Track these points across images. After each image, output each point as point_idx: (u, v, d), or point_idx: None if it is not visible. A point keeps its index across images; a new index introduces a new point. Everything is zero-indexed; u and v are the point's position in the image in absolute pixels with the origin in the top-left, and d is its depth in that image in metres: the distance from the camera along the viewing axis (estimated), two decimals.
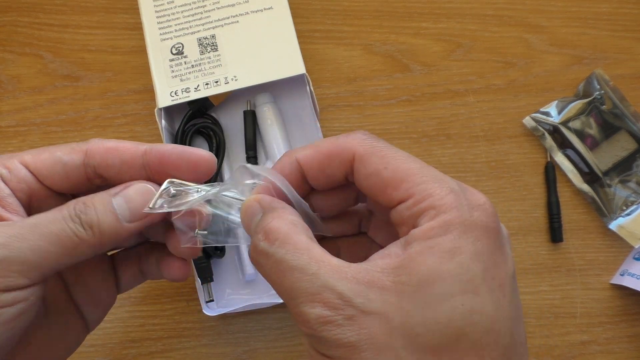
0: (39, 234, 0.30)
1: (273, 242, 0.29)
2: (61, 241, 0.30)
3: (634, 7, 0.63)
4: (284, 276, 0.28)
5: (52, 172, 0.33)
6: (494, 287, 0.27)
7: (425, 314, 0.26)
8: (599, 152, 0.59)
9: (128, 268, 0.38)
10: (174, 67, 0.54)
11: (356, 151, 0.31)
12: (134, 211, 0.32)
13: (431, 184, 0.29)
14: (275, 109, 0.57)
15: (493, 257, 0.28)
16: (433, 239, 0.27)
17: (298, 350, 0.55)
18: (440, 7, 0.63)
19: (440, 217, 0.28)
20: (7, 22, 0.61)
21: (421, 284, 0.26)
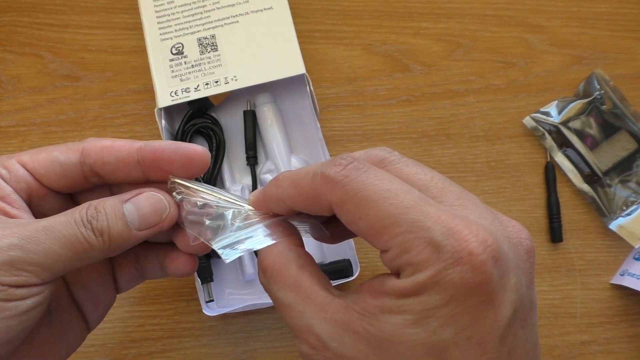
0: (52, 237, 0.30)
1: (269, 279, 0.31)
2: (72, 245, 0.31)
3: (634, 7, 0.63)
4: (281, 310, 0.31)
5: (50, 172, 0.34)
6: (470, 346, 0.26)
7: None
8: (599, 152, 0.59)
9: (126, 269, 0.39)
10: (174, 67, 0.54)
11: (331, 200, 0.29)
12: (143, 219, 0.33)
13: (408, 236, 0.27)
14: (275, 109, 0.57)
15: (473, 316, 0.26)
16: (404, 299, 0.27)
17: (298, 350, 0.55)
18: (440, 7, 0.63)
19: (415, 276, 0.26)
20: (7, 22, 0.61)
21: (386, 343, 0.27)
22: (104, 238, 0.32)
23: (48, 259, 0.30)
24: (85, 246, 0.31)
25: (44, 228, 0.30)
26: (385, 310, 0.27)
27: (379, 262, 0.56)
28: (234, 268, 0.55)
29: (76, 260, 0.31)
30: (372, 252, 0.57)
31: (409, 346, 0.26)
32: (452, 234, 0.26)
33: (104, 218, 0.32)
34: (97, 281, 0.37)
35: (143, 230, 0.33)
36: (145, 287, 0.56)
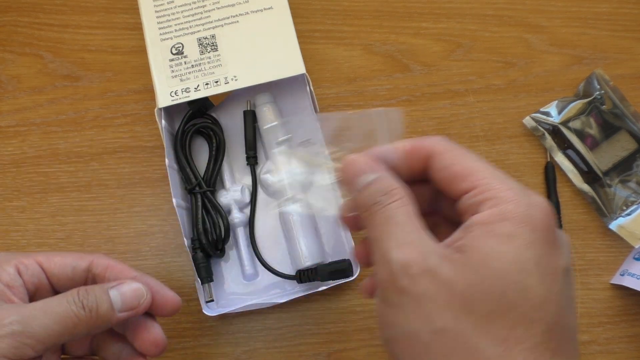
0: (47, 314, 0.37)
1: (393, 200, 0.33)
2: (64, 321, 0.37)
3: (634, 7, 0.63)
4: (388, 225, 0.33)
5: (62, 273, 0.42)
6: (546, 274, 0.30)
7: (483, 286, 0.30)
8: (599, 152, 0.59)
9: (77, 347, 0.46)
10: (174, 67, 0.54)
11: (434, 148, 0.34)
12: (125, 303, 0.40)
13: (494, 180, 0.32)
14: (275, 109, 0.57)
15: (546, 249, 0.30)
16: (492, 224, 0.30)
17: (298, 350, 0.55)
18: (440, 7, 0.63)
19: (500, 206, 0.31)
20: (7, 22, 0.62)
21: (481, 262, 0.30)
22: (92, 314, 0.38)
23: (43, 332, 0.36)
24: (74, 321, 0.37)
25: (41, 307, 0.37)
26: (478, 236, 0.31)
27: None
28: (234, 268, 0.55)
29: (65, 335, 0.37)
30: None
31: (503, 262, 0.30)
32: (527, 189, 0.32)
33: (94, 299, 0.39)
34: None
35: (123, 312, 0.40)
36: None
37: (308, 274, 0.52)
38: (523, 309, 0.30)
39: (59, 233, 0.57)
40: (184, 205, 0.54)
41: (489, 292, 0.30)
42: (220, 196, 0.55)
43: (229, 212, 0.55)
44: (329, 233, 0.56)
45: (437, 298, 0.30)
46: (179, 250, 0.57)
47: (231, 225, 0.55)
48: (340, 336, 0.55)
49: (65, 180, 0.58)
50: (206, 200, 0.54)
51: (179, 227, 0.54)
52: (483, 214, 0.31)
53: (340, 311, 0.56)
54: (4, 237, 0.57)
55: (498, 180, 0.32)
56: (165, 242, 0.57)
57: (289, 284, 0.55)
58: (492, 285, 0.30)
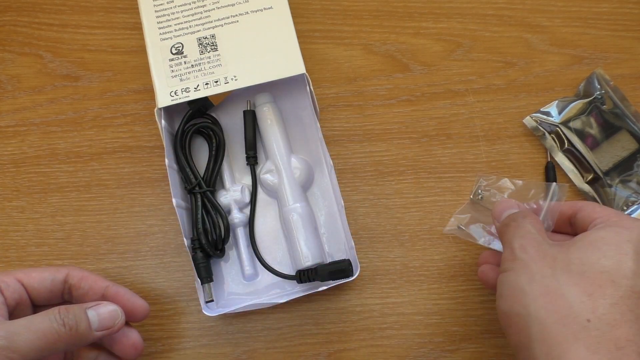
0: (31, 330, 0.40)
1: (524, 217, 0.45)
2: (45, 337, 0.41)
3: (634, 7, 0.63)
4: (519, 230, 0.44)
5: (41, 286, 0.46)
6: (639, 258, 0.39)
7: (583, 255, 0.40)
8: (600, 152, 0.59)
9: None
10: (174, 67, 0.54)
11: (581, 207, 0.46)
12: (101, 323, 0.44)
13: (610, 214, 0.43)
14: (275, 109, 0.57)
15: None
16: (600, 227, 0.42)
17: (298, 351, 0.55)
18: (440, 7, 0.63)
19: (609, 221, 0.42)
20: (7, 22, 0.61)
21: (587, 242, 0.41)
22: (71, 332, 0.42)
23: (26, 347, 0.40)
24: (55, 337, 0.41)
25: (25, 324, 0.41)
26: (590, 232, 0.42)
27: (379, 262, 0.56)
28: (233, 268, 0.55)
29: (45, 350, 0.41)
30: (372, 252, 0.57)
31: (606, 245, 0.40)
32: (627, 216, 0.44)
33: (73, 317, 0.42)
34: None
35: (99, 331, 0.44)
36: (145, 287, 0.56)
37: (308, 274, 0.52)
38: (614, 276, 0.38)
39: (59, 233, 0.57)
40: (184, 205, 0.54)
41: (586, 258, 0.39)
42: (220, 196, 0.55)
43: (229, 212, 0.55)
44: (329, 233, 0.56)
45: (542, 262, 0.40)
46: (179, 250, 0.57)
47: (231, 225, 0.55)
48: (340, 336, 0.55)
49: (65, 180, 0.58)
50: (206, 200, 0.54)
51: (178, 227, 0.54)
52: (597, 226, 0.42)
53: (340, 311, 0.56)
54: (3, 237, 0.57)
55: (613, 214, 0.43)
56: (165, 242, 0.57)
57: (289, 284, 0.55)
58: (591, 254, 0.39)
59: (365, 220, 0.58)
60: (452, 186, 0.59)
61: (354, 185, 0.59)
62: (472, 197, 0.57)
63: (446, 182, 0.59)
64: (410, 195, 0.58)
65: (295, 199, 0.54)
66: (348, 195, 0.58)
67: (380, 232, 0.58)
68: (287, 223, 0.54)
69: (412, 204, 0.58)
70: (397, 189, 0.59)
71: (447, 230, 0.56)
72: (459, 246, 0.57)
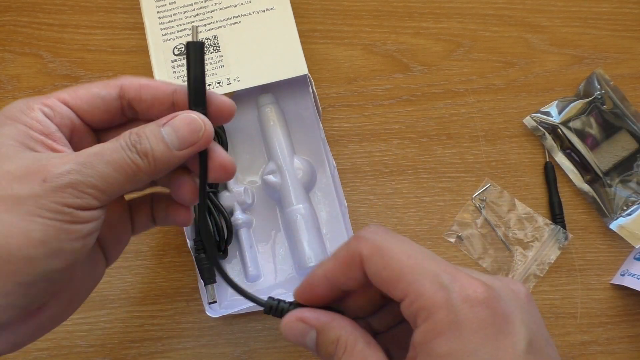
0: (104, 162, 0.32)
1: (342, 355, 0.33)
2: (122, 169, 0.33)
3: (634, 7, 0.63)
4: None
5: (92, 107, 0.37)
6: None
7: None
8: (600, 152, 0.59)
9: (142, 212, 0.42)
10: (176, 67, 0.54)
11: (362, 253, 0.33)
12: (182, 139, 0.35)
13: (422, 282, 0.30)
14: (278, 110, 0.57)
15: (492, 345, 0.28)
16: (428, 344, 0.29)
17: (298, 351, 0.55)
18: (440, 7, 0.63)
19: (431, 318, 0.29)
20: (7, 22, 0.61)
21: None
22: (148, 159, 0.34)
23: (103, 182, 0.32)
24: (133, 168, 0.33)
25: (96, 154, 0.33)
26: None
27: None
28: (236, 269, 0.55)
29: (127, 183, 0.33)
30: None
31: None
32: (457, 280, 0.30)
33: (146, 141, 0.34)
34: (119, 220, 0.40)
35: (182, 149, 0.35)
36: (145, 287, 0.56)
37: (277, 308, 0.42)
38: None
39: None
40: None
41: None
42: (222, 197, 0.55)
43: (232, 213, 0.55)
44: (331, 233, 0.56)
45: None
46: (179, 251, 0.57)
47: (234, 226, 0.55)
48: None
49: None
50: (209, 201, 0.54)
51: (179, 227, 0.54)
52: (419, 331, 0.30)
53: None
54: None
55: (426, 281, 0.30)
56: (165, 242, 0.57)
57: (291, 285, 0.55)
58: None
59: (366, 220, 0.58)
60: (452, 186, 0.59)
61: (354, 185, 0.59)
62: (474, 200, 0.57)
63: (446, 182, 0.59)
64: (410, 195, 0.59)
65: (299, 200, 0.54)
66: (348, 195, 0.58)
67: None
68: (291, 224, 0.54)
69: (412, 204, 0.58)
70: (397, 189, 0.59)
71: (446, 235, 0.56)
72: (459, 246, 0.57)
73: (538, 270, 0.57)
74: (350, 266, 0.34)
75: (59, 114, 0.35)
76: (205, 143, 0.36)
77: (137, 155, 0.33)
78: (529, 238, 0.58)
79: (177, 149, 0.35)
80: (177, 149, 0.35)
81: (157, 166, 0.34)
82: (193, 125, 0.35)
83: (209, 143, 0.36)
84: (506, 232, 0.58)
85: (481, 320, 0.29)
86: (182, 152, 0.35)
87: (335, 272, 0.35)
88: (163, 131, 0.34)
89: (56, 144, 0.34)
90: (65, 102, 0.36)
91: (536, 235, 0.58)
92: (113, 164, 0.33)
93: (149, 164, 0.34)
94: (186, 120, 0.35)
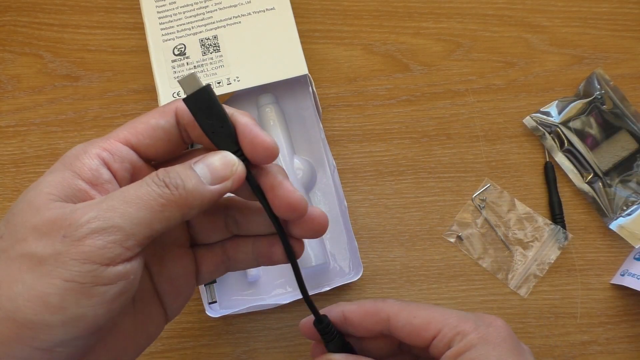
0: (126, 201, 0.30)
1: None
2: (148, 204, 0.30)
3: (634, 7, 0.63)
4: None
5: (154, 140, 0.35)
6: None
7: None
8: (600, 152, 0.59)
9: (210, 259, 0.39)
10: (176, 67, 0.54)
11: (390, 311, 0.40)
12: (214, 173, 0.33)
13: (453, 319, 0.38)
14: (278, 110, 0.57)
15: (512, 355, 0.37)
16: (462, 355, 0.36)
17: (298, 351, 0.55)
18: (440, 7, 0.63)
19: (465, 339, 0.37)
20: (7, 22, 0.61)
21: None
22: (178, 192, 0.31)
23: (127, 222, 0.29)
24: (161, 202, 0.31)
25: (117, 195, 0.30)
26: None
27: (379, 262, 0.56)
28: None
29: (156, 222, 0.31)
30: (372, 252, 0.57)
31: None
32: (476, 314, 0.39)
33: (176, 174, 0.32)
34: (181, 273, 0.38)
35: (215, 184, 0.33)
36: None
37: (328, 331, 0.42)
38: None
39: None
40: None
41: None
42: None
43: None
44: (330, 234, 0.56)
45: None
46: None
47: None
48: None
49: None
50: None
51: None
52: (454, 348, 0.37)
53: None
54: None
55: (456, 317, 0.38)
56: None
57: (291, 285, 0.55)
58: None
59: (365, 220, 0.58)
60: (452, 186, 0.59)
61: (354, 185, 0.59)
62: (474, 200, 0.57)
63: (446, 182, 0.59)
64: (410, 195, 0.59)
65: None
66: (348, 195, 0.58)
67: (380, 232, 0.58)
68: None
69: (412, 204, 0.58)
70: (397, 189, 0.59)
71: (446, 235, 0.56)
72: (458, 246, 0.57)
73: (538, 270, 0.57)
74: (372, 316, 0.40)
75: (119, 157, 0.33)
76: (239, 179, 0.34)
77: (166, 189, 0.31)
78: (529, 238, 0.58)
79: (210, 183, 0.33)
80: (209, 183, 0.33)
81: (187, 200, 0.32)
82: (225, 159, 0.34)
83: (244, 177, 0.34)
84: (506, 232, 0.58)
85: (503, 338, 0.37)
86: (215, 186, 0.33)
87: (355, 315, 0.41)
88: (196, 167, 0.33)
89: (97, 193, 0.32)
90: (127, 141, 0.34)
91: (536, 235, 0.58)
92: (137, 201, 0.30)
93: (179, 197, 0.31)
94: (218, 155, 0.34)
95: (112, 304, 0.30)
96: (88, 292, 0.28)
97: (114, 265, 0.29)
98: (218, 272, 0.40)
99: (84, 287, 0.28)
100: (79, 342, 0.29)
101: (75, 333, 0.29)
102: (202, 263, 0.39)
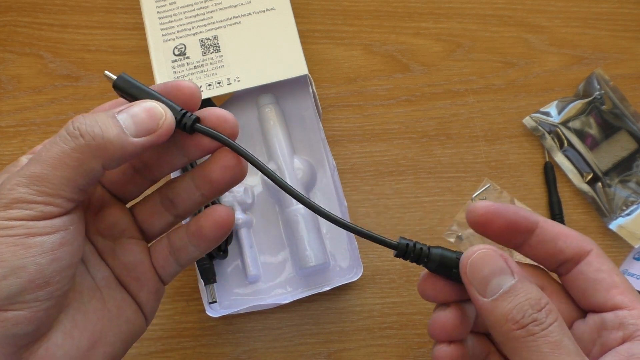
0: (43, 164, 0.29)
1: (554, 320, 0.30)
2: (63, 162, 0.30)
3: (634, 7, 0.63)
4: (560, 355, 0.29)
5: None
6: None
7: None
8: (599, 152, 0.59)
9: (159, 252, 0.38)
10: (177, 68, 0.54)
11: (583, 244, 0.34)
12: (139, 125, 0.31)
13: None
14: (278, 110, 0.57)
15: None
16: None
17: (298, 351, 0.55)
18: (440, 7, 0.63)
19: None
20: (7, 22, 0.61)
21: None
22: (97, 141, 0.30)
23: (50, 184, 0.29)
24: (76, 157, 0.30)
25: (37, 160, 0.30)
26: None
27: (379, 262, 0.56)
28: (237, 269, 0.55)
29: (78, 177, 0.30)
30: (372, 252, 0.57)
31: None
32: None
33: (95, 123, 0.30)
34: (134, 261, 0.37)
35: (140, 137, 0.31)
36: None
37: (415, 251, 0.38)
38: None
39: None
40: None
41: None
42: (222, 197, 0.55)
43: None
44: (331, 233, 0.56)
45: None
46: None
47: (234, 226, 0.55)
48: (340, 336, 0.55)
49: None
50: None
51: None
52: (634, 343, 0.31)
53: (340, 311, 0.56)
54: None
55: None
56: None
57: (291, 285, 0.55)
58: None
59: (365, 220, 0.58)
60: (452, 186, 0.59)
61: (354, 185, 0.59)
62: (474, 200, 0.58)
63: (446, 182, 0.59)
64: (410, 195, 0.59)
65: None
66: (348, 195, 0.58)
67: (380, 232, 0.57)
68: (291, 224, 0.54)
69: (412, 204, 0.58)
70: (397, 189, 0.59)
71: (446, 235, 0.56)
72: (459, 246, 0.57)
73: None
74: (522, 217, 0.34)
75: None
76: (166, 132, 0.32)
77: (81, 139, 0.30)
78: None
79: (133, 135, 0.31)
80: (133, 135, 0.31)
81: (108, 148, 0.30)
82: (153, 111, 0.32)
83: (170, 132, 0.32)
84: None
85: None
86: (139, 139, 0.31)
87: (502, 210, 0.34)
88: (119, 116, 0.31)
89: None
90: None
91: None
92: (52, 161, 0.29)
93: (99, 147, 0.30)
94: (145, 105, 0.32)
95: (54, 254, 0.30)
96: (24, 243, 0.29)
97: (44, 219, 0.29)
98: (170, 266, 0.38)
99: (17, 239, 0.29)
100: (28, 297, 0.29)
101: (19, 285, 0.29)
102: (154, 256, 0.38)
